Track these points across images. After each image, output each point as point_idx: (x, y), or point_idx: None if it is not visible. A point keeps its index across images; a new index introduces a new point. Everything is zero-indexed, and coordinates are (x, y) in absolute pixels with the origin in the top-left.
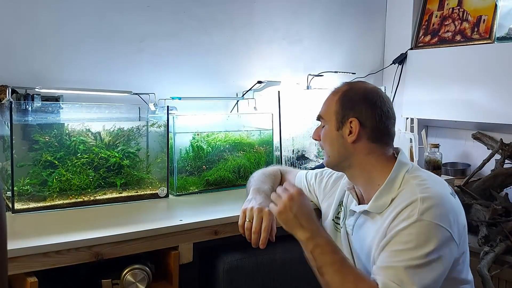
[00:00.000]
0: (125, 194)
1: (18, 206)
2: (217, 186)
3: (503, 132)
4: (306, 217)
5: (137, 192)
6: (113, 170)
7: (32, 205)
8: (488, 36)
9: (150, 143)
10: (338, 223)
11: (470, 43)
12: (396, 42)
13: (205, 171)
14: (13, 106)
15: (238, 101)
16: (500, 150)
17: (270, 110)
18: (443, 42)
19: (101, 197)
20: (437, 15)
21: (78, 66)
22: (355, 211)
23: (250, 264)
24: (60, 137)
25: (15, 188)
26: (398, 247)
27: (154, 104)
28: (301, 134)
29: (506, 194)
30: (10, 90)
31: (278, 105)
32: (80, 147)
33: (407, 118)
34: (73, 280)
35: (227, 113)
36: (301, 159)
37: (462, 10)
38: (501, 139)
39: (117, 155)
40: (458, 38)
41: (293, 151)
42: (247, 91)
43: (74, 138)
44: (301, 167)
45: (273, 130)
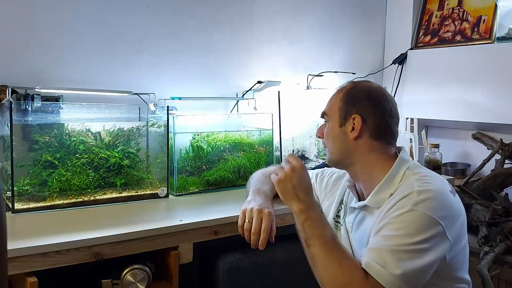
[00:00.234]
0: (125, 194)
1: (18, 206)
2: (217, 186)
3: (503, 132)
4: (304, 190)
5: (137, 192)
6: (113, 170)
7: (32, 205)
8: (488, 36)
9: (150, 143)
10: (339, 222)
11: (470, 43)
12: (396, 42)
13: (205, 171)
14: (13, 106)
15: (238, 101)
16: (500, 150)
17: (270, 110)
18: (443, 42)
19: (101, 197)
20: (437, 15)
21: (78, 66)
22: (355, 208)
23: (250, 264)
24: (60, 137)
25: (15, 188)
26: (388, 233)
27: (154, 104)
28: (301, 134)
29: (506, 194)
30: (10, 90)
31: (278, 105)
32: (80, 147)
33: (407, 118)
34: (73, 280)
35: (227, 113)
36: (301, 159)
37: (462, 10)
38: (501, 139)
39: (117, 155)
40: (458, 38)
41: (293, 151)
42: (247, 91)
43: (74, 138)
44: None
45: (273, 130)
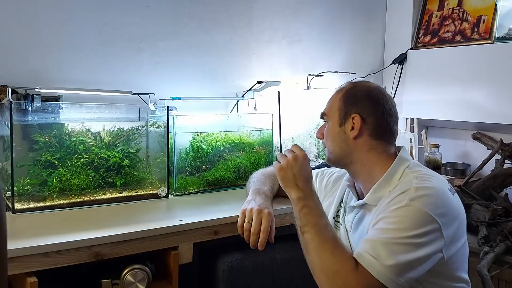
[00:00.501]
0: (125, 194)
1: (18, 206)
2: (217, 186)
3: (503, 132)
4: (304, 179)
5: (137, 192)
6: (113, 170)
7: (32, 205)
8: (488, 36)
9: (150, 143)
10: (338, 221)
11: (470, 43)
12: (396, 42)
13: (205, 171)
14: (13, 106)
15: (238, 101)
16: (500, 150)
17: (270, 110)
18: (443, 42)
19: (101, 197)
20: (437, 15)
21: (78, 66)
22: (354, 206)
23: (250, 264)
24: (60, 137)
25: (15, 188)
26: (383, 226)
27: (154, 104)
28: (301, 134)
29: (506, 194)
30: (10, 90)
31: (278, 105)
32: (80, 147)
33: (407, 118)
34: (73, 280)
35: (227, 113)
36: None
37: (462, 10)
38: (501, 139)
39: (117, 155)
40: (458, 38)
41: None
42: (247, 91)
43: (74, 138)
44: None
45: (273, 130)
